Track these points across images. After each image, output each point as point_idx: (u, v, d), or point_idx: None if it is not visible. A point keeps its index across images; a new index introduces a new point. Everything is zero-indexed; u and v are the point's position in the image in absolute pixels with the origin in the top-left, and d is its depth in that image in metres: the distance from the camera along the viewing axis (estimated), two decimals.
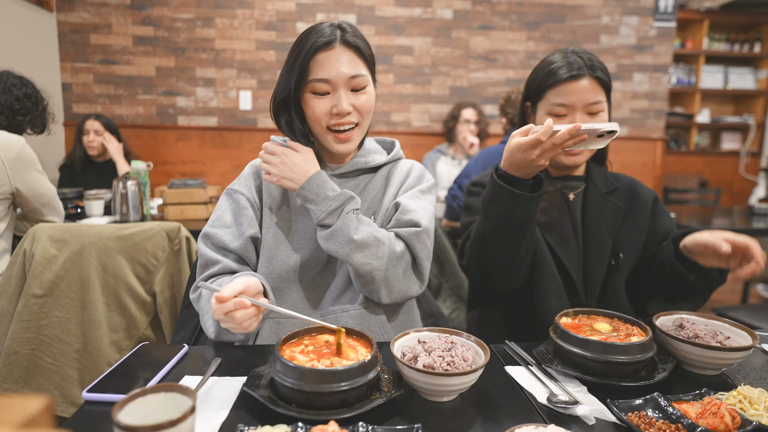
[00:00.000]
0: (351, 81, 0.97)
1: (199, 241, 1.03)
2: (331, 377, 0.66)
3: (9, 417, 0.31)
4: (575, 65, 1.10)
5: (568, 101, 1.10)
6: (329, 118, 0.99)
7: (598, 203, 1.18)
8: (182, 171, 3.60)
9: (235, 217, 1.04)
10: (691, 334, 0.85)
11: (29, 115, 1.88)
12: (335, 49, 0.96)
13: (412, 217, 1.02)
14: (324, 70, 0.96)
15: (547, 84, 1.12)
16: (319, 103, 0.98)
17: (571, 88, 1.10)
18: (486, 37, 3.68)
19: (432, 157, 3.35)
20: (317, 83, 0.97)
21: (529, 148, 0.93)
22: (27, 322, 1.45)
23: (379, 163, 1.11)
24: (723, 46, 4.74)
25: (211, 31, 3.47)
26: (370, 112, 1.03)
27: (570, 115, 1.11)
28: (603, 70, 1.12)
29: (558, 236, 1.16)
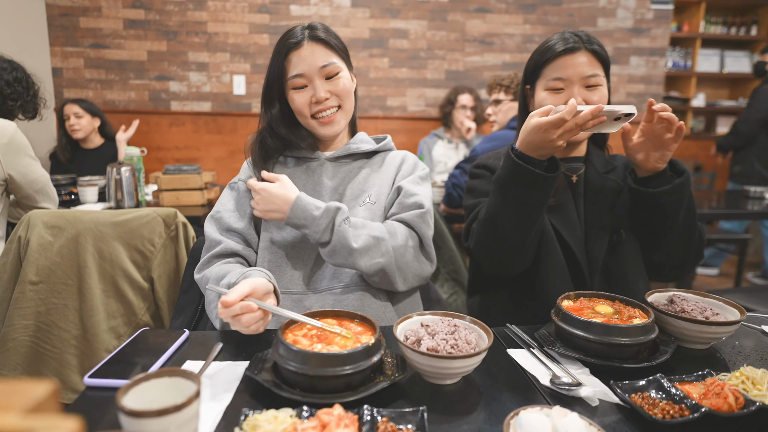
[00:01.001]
0: (323, 70, 1.07)
1: (206, 225, 1.11)
2: (335, 361, 0.66)
3: (16, 402, 0.30)
4: (570, 40, 1.11)
5: (564, 75, 1.10)
6: (311, 108, 1.08)
7: (598, 183, 1.18)
8: (176, 157, 3.56)
9: (237, 203, 1.12)
10: (678, 308, 0.88)
11: (20, 100, 1.85)
12: (304, 46, 1.06)
13: (416, 200, 1.08)
14: (297, 67, 1.06)
15: (544, 59, 1.13)
16: (299, 96, 1.08)
17: (567, 62, 1.10)
18: (482, 20, 3.64)
19: (428, 142, 3.33)
20: (294, 79, 1.07)
21: (550, 128, 0.93)
22: (24, 308, 1.44)
23: (372, 149, 1.18)
24: (719, 29, 4.72)
25: (204, 14, 3.41)
26: (349, 94, 1.11)
27: (567, 90, 1.11)
28: (599, 45, 1.12)
29: (563, 218, 1.16)
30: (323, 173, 1.13)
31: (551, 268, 1.11)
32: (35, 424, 0.28)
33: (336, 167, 1.15)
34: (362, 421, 0.59)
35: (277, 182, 1.03)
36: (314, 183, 1.13)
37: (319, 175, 1.13)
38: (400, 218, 1.07)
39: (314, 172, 1.14)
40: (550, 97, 1.12)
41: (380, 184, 1.14)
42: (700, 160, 4.72)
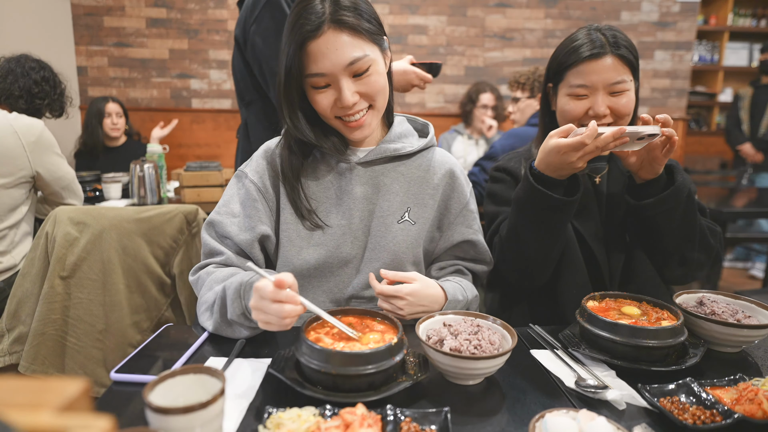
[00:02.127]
0: (350, 68, 0.87)
1: (203, 229, 0.98)
2: (358, 360, 0.65)
3: (49, 400, 0.31)
4: (597, 42, 1.04)
5: (588, 81, 1.05)
6: (336, 110, 0.91)
7: (620, 182, 1.15)
8: (197, 154, 3.61)
9: (243, 207, 0.97)
10: (708, 311, 0.85)
11: (48, 98, 1.89)
12: (325, 35, 0.85)
13: (486, 256, 1.08)
14: (317, 63, 0.86)
15: (568, 63, 1.07)
16: (322, 97, 0.90)
17: (591, 68, 1.04)
18: (502, 15, 3.59)
19: (448, 138, 3.31)
20: (314, 78, 0.88)
21: (570, 151, 0.92)
22: (52, 303, 1.47)
23: (411, 151, 1.02)
24: (748, 21, 4.58)
25: (224, 12, 3.44)
26: (382, 92, 0.93)
27: (591, 96, 1.06)
28: (628, 47, 1.06)
29: (586, 222, 1.13)
30: (353, 179, 0.99)
31: (572, 272, 1.10)
32: (69, 422, 0.29)
33: (369, 171, 0.99)
34: (385, 421, 0.59)
35: (415, 282, 0.89)
36: (342, 192, 0.99)
37: (348, 181, 0.99)
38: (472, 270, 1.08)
39: (343, 177, 0.99)
40: (572, 102, 1.08)
41: (422, 203, 1.01)
42: (726, 157, 4.59)
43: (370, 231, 0.99)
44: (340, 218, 0.98)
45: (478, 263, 1.09)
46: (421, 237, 1.02)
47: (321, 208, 0.99)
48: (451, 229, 1.05)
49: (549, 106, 1.18)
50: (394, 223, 0.99)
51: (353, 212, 0.98)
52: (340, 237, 0.97)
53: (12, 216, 1.68)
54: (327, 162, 1.00)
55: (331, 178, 0.99)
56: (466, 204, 1.06)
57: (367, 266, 0.99)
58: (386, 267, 0.99)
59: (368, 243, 0.99)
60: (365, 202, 0.99)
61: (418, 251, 1.03)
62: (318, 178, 0.99)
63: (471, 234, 1.05)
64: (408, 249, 1.00)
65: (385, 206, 0.99)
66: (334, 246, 0.97)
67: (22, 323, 1.52)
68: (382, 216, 0.98)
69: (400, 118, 1.07)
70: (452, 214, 1.05)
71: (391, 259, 0.98)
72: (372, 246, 0.98)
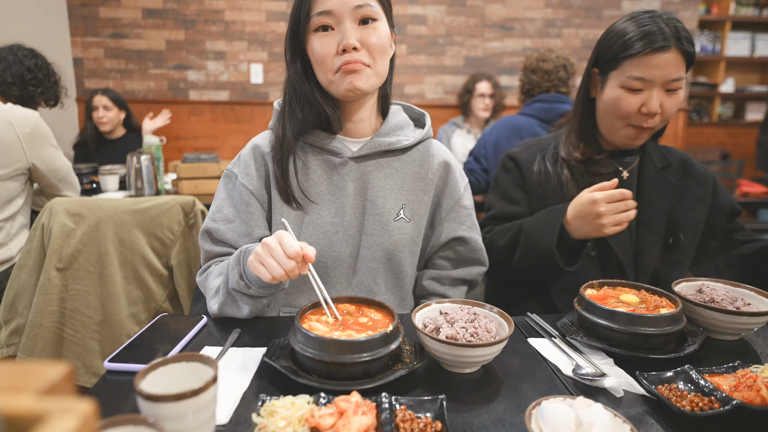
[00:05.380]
0: (357, 11, 0.85)
1: (200, 237, 0.97)
2: (353, 348, 0.65)
3: (31, 383, 0.30)
4: (662, 35, 0.97)
5: (648, 75, 0.99)
6: (335, 59, 0.86)
7: (654, 179, 1.12)
8: (194, 146, 3.59)
9: (237, 211, 0.95)
10: (707, 298, 0.85)
11: (41, 86, 1.87)
12: None
13: (480, 256, 1.06)
14: (326, 2, 0.85)
15: (626, 53, 1.01)
16: (323, 40, 0.86)
17: (654, 61, 0.98)
18: (502, 5, 3.56)
19: (447, 131, 3.29)
20: (319, 17, 0.85)
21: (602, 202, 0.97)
22: (49, 295, 1.47)
23: (407, 145, 0.98)
24: (750, 11, 4.54)
25: (221, 2, 3.41)
26: (384, 52, 0.89)
27: (647, 91, 1.01)
28: (690, 41, 0.99)
29: None
30: (346, 175, 0.95)
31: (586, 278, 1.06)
32: (49, 405, 0.28)
33: (362, 167, 0.96)
34: (380, 409, 0.58)
35: None
36: (335, 188, 0.96)
37: (340, 177, 0.95)
38: (464, 278, 1.06)
39: (335, 173, 0.95)
40: (626, 96, 1.02)
41: (417, 199, 0.99)
42: (727, 147, 4.58)
43: (364, 229, 0.96)
44: (333, 216, 0.95)
45: (472, 264, 1.06)
46: (418, 235, 1.00)
47: (309, 205, 0.95)
48: (442, 225, 1.03)
49: (588, 91, 1.12)
50: (390, 221, 0.96)
51: (346, 209, 0.95)
52: (333, 235, 0.94)
53: (8, 208, 1.67)
54: (318, 157, 0.96)
55: (323, 174, 0.96)
56: (459, 199, 1.03)
57: (362, 265, 0.97)
58: (382, 267, 0.97)
59: (362, 241, 0.96)
60: (359, 198, 0.96)
61: (415, 250, 1.01)
62: (309, 174, 0.96)
63: (463, 231, 1.02)
64: (405, 248, 0.98)
65: (379, 203, 0.95)
66: (327, 245, 0.94)
67: (20, 315, 1.51)
68: (377, 214, 0.95)
69: (396, 108, 1.03)
70: (443, 209, 1.03)
71: (388, 259, 0.97)
72: (367, 245, 0.96)
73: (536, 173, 1.18)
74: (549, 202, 1.15)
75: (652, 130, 1.07)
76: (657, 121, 1.03)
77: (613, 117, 1.07)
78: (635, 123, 1.05)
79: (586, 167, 1.13)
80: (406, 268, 0.99)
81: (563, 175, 1.14)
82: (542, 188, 1.17)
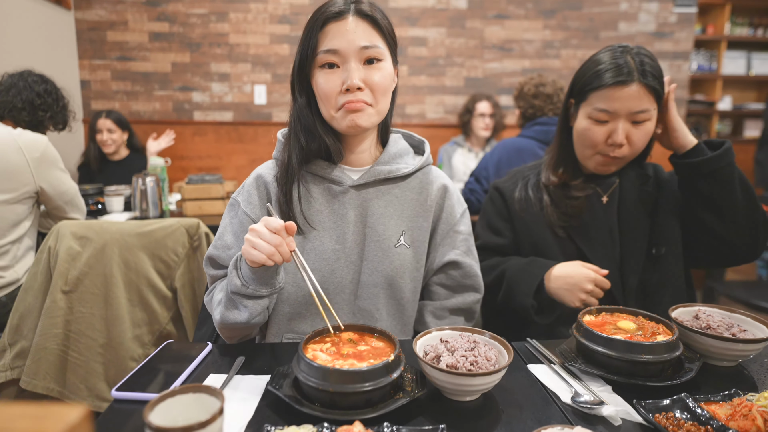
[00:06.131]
0: (364, 51, 0.88)
1: (204, 264, 1.00)
2: (355, 377, 0.66)
3: (50, 426, 0.32)
4: (624, 69, 1.03)
5: (611, 108, 1.04)
6: (339, 97, 0.89)
7: (633, 197, 1.15)
8: (198, 166, 3.63)
9: (236, 238, 0.97)
10: (703, 324, 0.86)
11: (50, 111, 1.91)
12: (347, 20, 0.88)
13: (475, 282, 1.07)
14: (334, 40, 0.88)
15: (592, 86, 1.06)
16: (328, 77, 0.89)
17: (616, 94, 1.03)
18: (501, 27, 3.63)
19: (448, 150, 3.33)
20: (325, 54, 0.88)
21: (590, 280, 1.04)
22: (54, 318, 1.49)
23: (406, 173, 1.00)
24: (746, 30, 4.60)
25: (226, 25, 3.48)
26: (386, 92, 0.92)
27: (612, 122, 1.06)
28: (654, 74, 1.04)
29: (588, 239, 1.14)
30: (347, 203, 0.97)
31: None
32: None
33: (363, 194, 0.98)
34: None
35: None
36: (336, 216, 0.97)
37: (341, 205, 0.97)
38: (460, 307, 1.06)
39: (336, 201, 0.97)
40: (593, 127, 1.08)
41: (417, 225, 1.01)
42: None
43: (364, 255, 0.98)
44: (334, 243, 0.97)
45: (467, 291, 1.06)
46: (418, 261, 1.02)
47: (310, 232, 0.97)
48: (437, 250, 1.04)
49: (568, 121, 1.18)
50: (391, 248, 0.98)
51: (347, 236, 0.97)
52: (335, 262, 0.97)
53: (15, 231, 1.70)
54: (320, 186, 0.99)
55: (325, 202, 0.98)
56: (455, 225, 1.05)
57: (364, 291, 0.98)
58: (384, 293, 0.99)
59: (363, 268, 0.98)
60: (359, 225, 0.98)
61: (416, 276, 1.02)
62: (311, 201, 0.98)
63: (456, 255, 1.03)
64: (405, 273, 0.99)
65: (380, 230, 0.97)
66: (329, 271, 0.96)
67: (24, 338, 1.53)
68: (378, 240, 0.97)
69: (395, 136, 1.05)
70: (439, 234, 1.04)
71: (389, 285, 0.98)
72: (368, 271, 0.98)
73: (518, 200, 1.24)
74: (532, 227, 1.21)
75: (622, 159, 1.11)
76: (625, 152, 1.08)
77: (584, 146, 1.13)
78: (603, 152, 1.10)
79: (564, 191, 1.17)
80: (407, 294, 1.01)
81: (544, 200, 1.19)
82: (525, 214, 1.22)
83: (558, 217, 1.17)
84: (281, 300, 0.98)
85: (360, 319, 0.99)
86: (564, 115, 1.18)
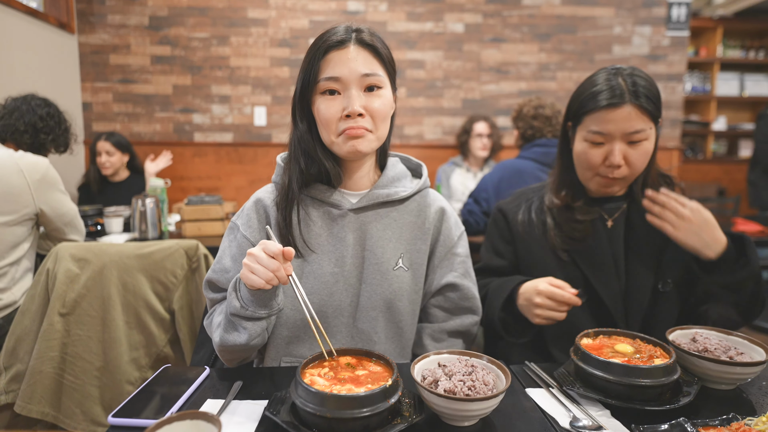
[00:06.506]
0: (364, 79, 0.90)
1: (203, 288, 1.01)
2: (353, 403, 0.66)
3: None
4: (616, 91, 1.02)
5: (605, 130, 1.04)
6: (340, 123, 0.91)
7: (640, 226, 1.11)
8: (198, 186, 3.65)
9: (234, 261, 0.98)
10: (701, 347, 0.85)
11: (52, 134, 1.93)
12: (348, 48, 0.90)
13: (473, 304, 1.06)
14: (336, 68, 0.90)
15: (586, 109, 1.06)
16: (329, 104, 0.91)
17: (609, 116, 1.03)
18: (497, 50, 3.69)
19: (446, 170, 3.35)
20: (327, 81, 0.90)
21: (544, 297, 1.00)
22: (51, 340, 1.48)
23: (404, 196, 1.01)
24: (738, 53, 4.70)
25: (227, 49, 3.54)
26: (385, 118, 0.94)
27: (608, 144, 1.05)
28: (648, 95, 1.03)
29: (592, 264, 1.11)
30: (345, 226, 0.98)
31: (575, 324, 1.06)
32: None
33: (361, 218, 0.99)
34: None
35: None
36: (335, 239, 0.98)
37: (340, 228, 0.98)
38: (458, 330, 1.06)
39: (335, 224, 0.99)
40: (589, 150, 1.07)
41: (415, 248, 1.02)
42: (723, 183, 4.64)
43: (363, 278, 0.98)
44: (333, 266, 0.98)
45: (465, 314, 1.06)
46: (417, 284, 1.02)
47: (309, 255, 0.98)
48: (435, 272, 1.05)
49: (568, 144, 1.17)
50: (389, 271, 0.98)
51: (346, 259, 0.98)
52: (333, 285, 0.97)
53: (14, 253, 1.70)
54: (319, 209, 1.00)
55: (324, 225, 0.99)
56: (452, 247, 1.06)
57: (362, 315, 0.98)
58: (382, 316, 0.99)
59: (362, 291, 0.98)
60: (358, 249, 0.98)
61: (415, 298, 1.02)
62: (310, 225, 0.99)
63: (454, 278, 1.04)
64: (404, 296, 0.99)
65: (378, 253, 0.98)
66: (327, 294, 0.97)
67: (20, 361, 1.52)
68: (377, 263, 0.98)
69: (393, 160, 1.07)
70: (437, 257, 1.05)
71: (387, 308, 0.99)
72: (367, 294, 0.98)
73: (521, 223, 1.22)
74: (534, 250, 1.19)
75: (623, 180, 1.09)
76: (624, 172, 1.06)
77: (583, 168, 1.12)
78: (602, 174, 1.08)
79: (568, 214, 1.15)
80: (406, 316, 1.01)
81: (547, 222, 1.17)
82: (528, 236, 1.21)
83: (561, 240, 1.14)
84: (280, 323, 0.98)
85: (358, 342, 0.99)
86: (563, 138, 1.19)
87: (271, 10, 3.53)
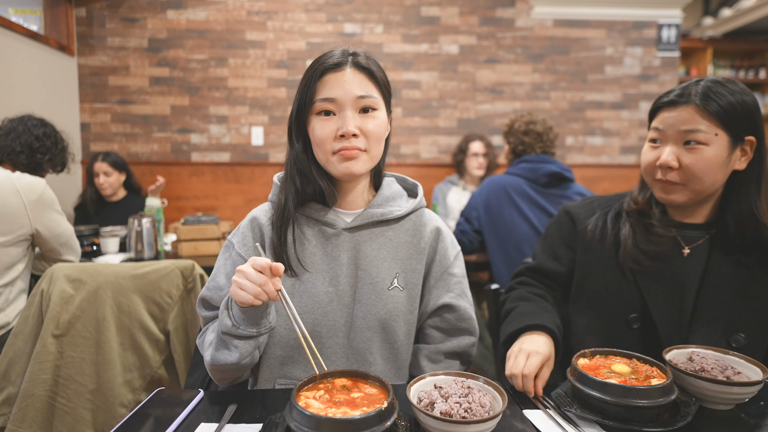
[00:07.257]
0: (359, 101, 0.92)
1: (197, 306, 1.02)
2: (349, 426, 0.65)
3: None
4: (685, 91, 0.98)
5: (661, 126, 1.01)
6: (334, 142, 0.92)
7: (726, 261, 0.99)
8: (195, 206, 3.65)
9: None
10: (697, 367, 0.85)
11: (48, 153, 1.94)
12: (344, 71, 0.93)
13: (469, 325, 1.06)
14: (332, 90, 0.92)
15: (654, 107, 1.05)
16: (323, 124, 0.92)
17: (669, 114, 1.00)
18: (492, 70, 3.75)
19: (443, 188, 3.37)
20: (322, 102, 0.92)
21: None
22: (43, 363, 1.46)
23: (399, 216, 1.02)
24: (728, 72, 4.77)
25: (225, 70, 3.58)
26: (380, 140, 0.96)
27: (663, 144, 1.01)
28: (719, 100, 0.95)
29: (655, 290, 1.03)
30: (340, 245, 0.99)
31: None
32: None
33: (356, 237, 0.99)
34: None
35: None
36: (330, 258, 0.98)
37: (334, 247, 0.99)
38: (455, 351, 1.05)
39: (329, 243, 0.99)
40: (648, 150, 1.04)
41: (410, 268, 1.02)
42: None
43: (357, 298, 0.98)
44: (327, 285, 0.98)
45: (461, 335, 1.06)
46: (412, 303, 1.02)
47: (303, 274, 0.98)
48: (431, 293, 1.04)
49: None
50: (384, 291, 0.98)
51: (340, 278, 0.98)
52: (327, 304, 0.97)
53: (8, 274, 1.69)
54: (314, 228, 1.00)
55: (318, 244, 0.99)
56: (448, 267, 1.05)
57: (357, 335, 0.98)
58: (377, 336, 0.98)
59: (356, 310, 0.98)
60: (352, 268, 0.98)
61: (410, 318, 1.02)
62: (305, 244, 0.99)
63: (451, 298, 1.03)
64: (399, 316, 0.99)
65: (373, 272, 0.98)
66: (322, 314, 0.97)
67: (12, 384, 1.50)
68: (371, 283, 0.98)
69: (389, 180, 1.08)
70: (433, 277, 1.05)
71: (382, 328, 0.98)
72: (361, 314, 0.98)
73: (591, 230, 1.13)
74: (594, 262, 1.11)
75: (683, 186, 1.00)
76: (677, 177, 0.99)
77: (643, 170, 1.07)
78: (657, 177, 1.03)
79: (646, 221, 1.08)
80: (401, 336, 1.00)
81: (623, 231, 1.09)
82: (594, 246, 1.12)
83: (634, 255, 1.04)
84: (273, 343, 0.97)
85: (354, 362, 0.98)
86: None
87: (268, 33, 3.59)
